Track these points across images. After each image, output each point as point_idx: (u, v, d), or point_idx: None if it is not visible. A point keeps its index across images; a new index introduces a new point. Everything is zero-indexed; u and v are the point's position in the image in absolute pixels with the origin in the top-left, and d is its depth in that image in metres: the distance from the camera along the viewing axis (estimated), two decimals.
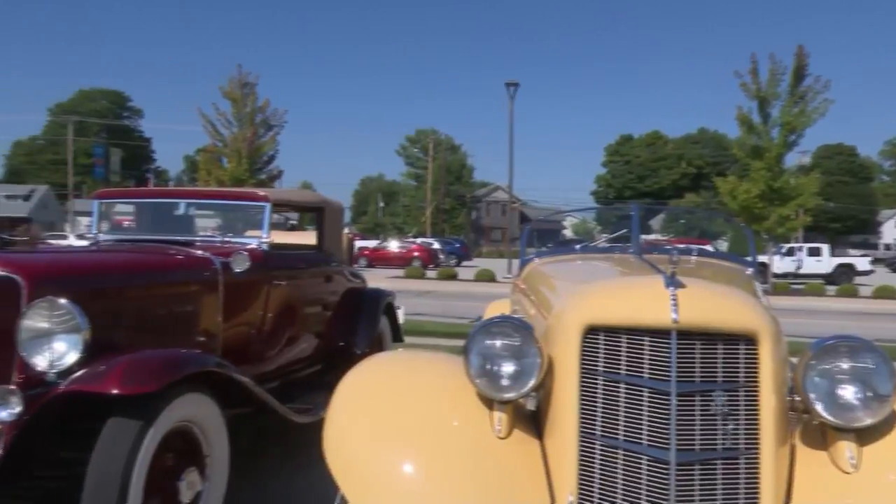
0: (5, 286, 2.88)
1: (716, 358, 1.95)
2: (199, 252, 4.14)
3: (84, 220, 54.50)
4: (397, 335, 6.35)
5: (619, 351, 1.99)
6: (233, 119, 23.91)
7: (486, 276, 24.58)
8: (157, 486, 2.80)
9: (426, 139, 70.26)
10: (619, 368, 1.99)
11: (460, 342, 8.39)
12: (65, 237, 40.64)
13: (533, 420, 2.26)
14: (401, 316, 6.48)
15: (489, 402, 2.14)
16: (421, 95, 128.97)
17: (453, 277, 25.68)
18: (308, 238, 5.81)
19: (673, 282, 1.98)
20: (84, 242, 4.97)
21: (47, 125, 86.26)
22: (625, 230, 4.10)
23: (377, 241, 38.36)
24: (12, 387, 2.77)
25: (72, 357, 2.81)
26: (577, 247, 4.45)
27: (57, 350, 2.82)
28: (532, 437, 2.17)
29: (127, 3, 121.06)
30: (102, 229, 4.83)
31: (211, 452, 3.16)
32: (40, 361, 2.82)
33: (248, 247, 4.35)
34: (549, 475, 2.05)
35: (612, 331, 2.01)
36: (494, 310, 4.53)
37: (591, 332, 2.03)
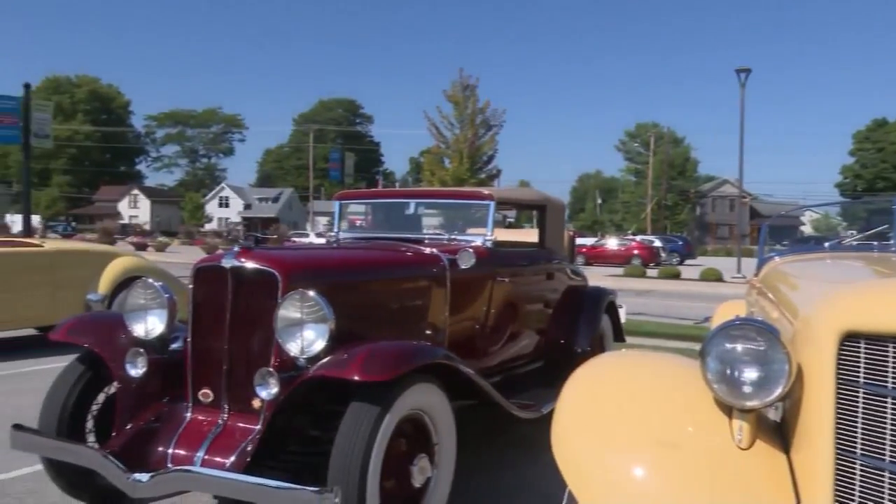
0: (266, 279, 3.22)
1: None
2: (429, 249, 4.33)
3: (322, 220, 59.64)
4: (619, 335, 6.20)
5: (886, 362, 1.76)
6: (455, 121, 24.81)
7: (713, 276, 23.21)
8: (392, 468, 2.97)
9: (646, 133, 67.91)
10: (885, 381, 1.77)
11: (684, 344, 8.07)
12: (306, 235, 44.83)
13: (777, 431, 2.08)
14: (623, 315, 6.32)
15: (728, 410, 2.00)
16: (642, 88, 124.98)
17: (676, 276, 24.58)
18: (530, 236, 5.86)
19: None
20: (321, 240, 5.39)
21: (292, 134, 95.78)
22: (884, 226, 3.65)
23: (595, 239, 37.76)
24: (271, 369, 3.09)
25: (319, 345, 3.07)
26: (826, 244, 4.04)
27: (307, 338, 3.09)
28: (777, 450, 1.99)
29: (362, 18, 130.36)
30: (342, 228, 5.24)
31: (440, 441, 3.29)
32: (293, 348, 3.10)
33: (474, 244, 4.48)
34: (797, 493, 1.87)
35: (876, 339, 1.78)
36: (727, 311, 4.25)
37: (850, 339, 1.82)
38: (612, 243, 34.77)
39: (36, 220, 33.94)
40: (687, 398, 2.07)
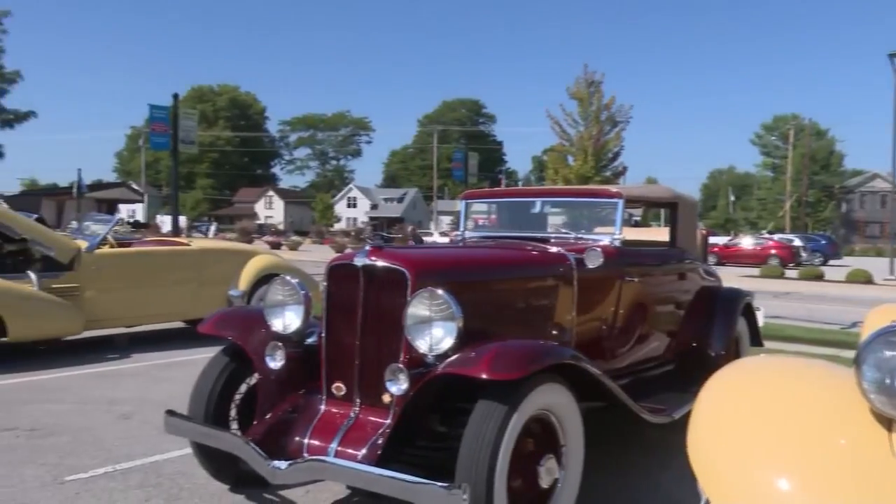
0: (396, 277, 3.29)
1: None
2: (555, 248, 4.29)
3: (445, 219, 60.45)
4: (757, 339, 5.89)
5: None
6: (579, 118, 24.42)
7: (861, 278, 21.60)
8: (519, 468, 2.96)
9: (785, 126, 64.15)
10: None
11: (831, 350, 7.58)
12: (430, 234, 45.58)
13: None
14: (760, 318, 6.00)
15: (887, 422, 1.85)
16: (779, 79, 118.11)
17: (818, 278, 23.06)
18: (660, 234, 5.67)
19: None
20: (445, 239, 5.47)
21: (417, 135, 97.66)
22: None
23: (728, 238, 36.08)
24: (400, 365, 3.16)
25: (447, 342, 3.10)
26: None
27: (435, 335, 3.13)
28: None
29: (484, 19, 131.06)
30: (468, 227, 5.28)
31: (567, 442, 3.24)
32: (422, 345, 3.15)
33: (601, 243, 4.39)
34: None
35: None
36: (880, 316, 3.92)
37: None
38: (746, 242, 33.08)
39: (182, 220, 36.44)
40: (838, 408, 1.93)
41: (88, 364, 7.01)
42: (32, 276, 7.12)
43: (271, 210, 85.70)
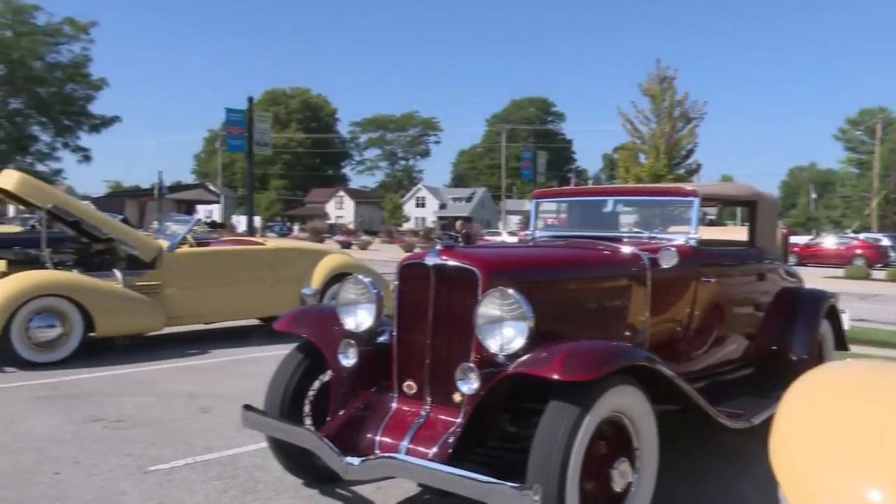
0: (467, 277, 3.30)
1: None
2: (628, 248, 4.21)
3: (514, 219, 60.19)
4: (842, 343, 5.64)
5: None
6: (651, 115, 23.97)
7: None
8: (591, 470, 2.92)
9: (872, 119, 61.28)
10: None
11: None
12: (498, 234, 45.47)
13: None
14: (846, 321, 5.74)
15: None
16: (865, 70, 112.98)
17: None
18: (738, 234, 5.50)
19: None
20: (513, 239, 5.44)
21: (485, 134, 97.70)
22: None
23: (809, 237, 34.71)
24: (471, 364, 3.16)
25: (518, 342, 3.08)
26: None
27: (506, 335, 3.12)
28: None
29: (552, 17, 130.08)
30: (538, 227, 5.24)
31: (641, 445, 3.18)
32: (492, 344, 3.14)
33: (676, 243, 4.29)
34: None
35: None
36: None
37: None
38: (829, 242, 31.75)
39: (257, 220, 37.49)
40: None
41: (169, 359, 7.28)
42: (118, 274, 7.44)
43: (342, 210, 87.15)
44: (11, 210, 20.80)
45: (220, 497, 3.67)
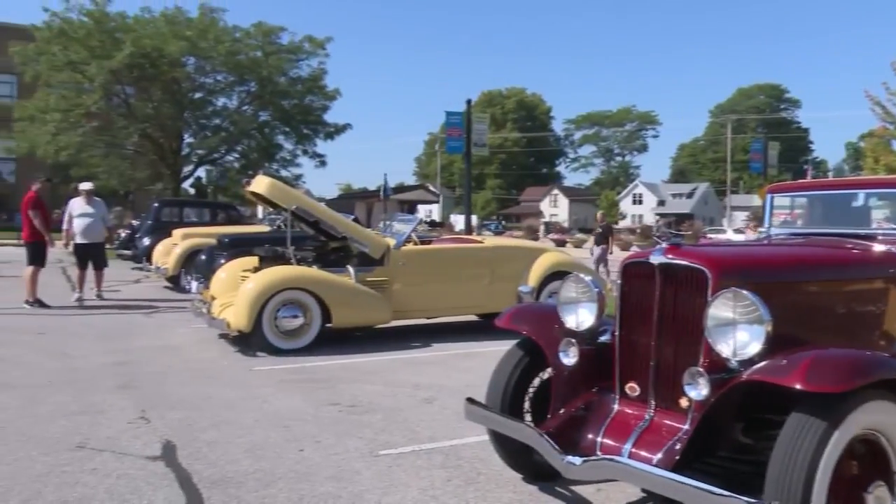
0: (696, 277, 3.13)
1: None
2: (882, 247, 3.76)
3: (739, 215, 56.29)
4: None
5: None
6: None
7: None
8: (840, 493, 2.63)
9: None
10: None
11: None
12: (723, 231, 42.79)
13: None
14: None
15: None
16: None
17: None
18: None
19: None
20: (740, 237, 5.06)
21: (708, 126, 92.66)
22: None
23: None
24: (700, 369, 2.99)
25: (754, 347, 2.86)
26: None
27: (740, 339, 2.91)
28: None
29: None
30: (774, 223, 4.84)
31: None
32: (724, 349, 2.94)
33: None
34: None
35: None
36: None
37: None
38: None
39: (473, 219, 38.64)
40: None
41: (395, 350, 7.73)
42: (351, 269, 8.04)
43: (556, 208, 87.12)
44: (260, 211, 23.33)
45: (445, 485, 3.81)
